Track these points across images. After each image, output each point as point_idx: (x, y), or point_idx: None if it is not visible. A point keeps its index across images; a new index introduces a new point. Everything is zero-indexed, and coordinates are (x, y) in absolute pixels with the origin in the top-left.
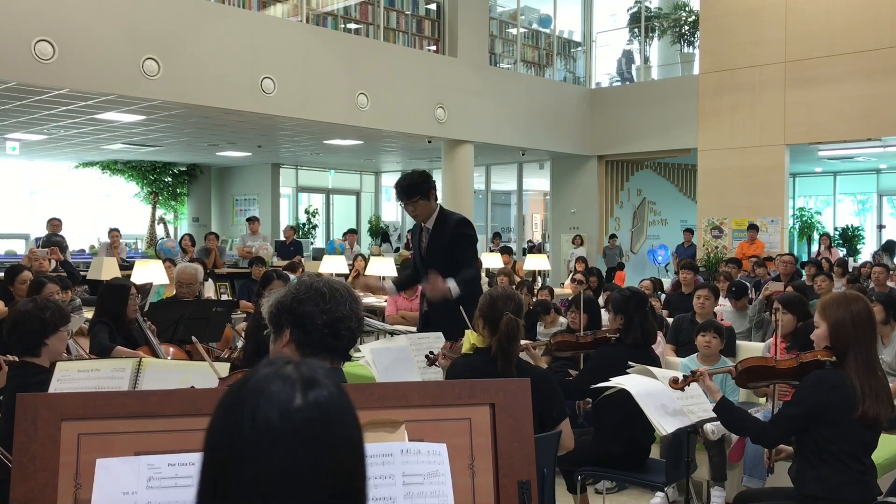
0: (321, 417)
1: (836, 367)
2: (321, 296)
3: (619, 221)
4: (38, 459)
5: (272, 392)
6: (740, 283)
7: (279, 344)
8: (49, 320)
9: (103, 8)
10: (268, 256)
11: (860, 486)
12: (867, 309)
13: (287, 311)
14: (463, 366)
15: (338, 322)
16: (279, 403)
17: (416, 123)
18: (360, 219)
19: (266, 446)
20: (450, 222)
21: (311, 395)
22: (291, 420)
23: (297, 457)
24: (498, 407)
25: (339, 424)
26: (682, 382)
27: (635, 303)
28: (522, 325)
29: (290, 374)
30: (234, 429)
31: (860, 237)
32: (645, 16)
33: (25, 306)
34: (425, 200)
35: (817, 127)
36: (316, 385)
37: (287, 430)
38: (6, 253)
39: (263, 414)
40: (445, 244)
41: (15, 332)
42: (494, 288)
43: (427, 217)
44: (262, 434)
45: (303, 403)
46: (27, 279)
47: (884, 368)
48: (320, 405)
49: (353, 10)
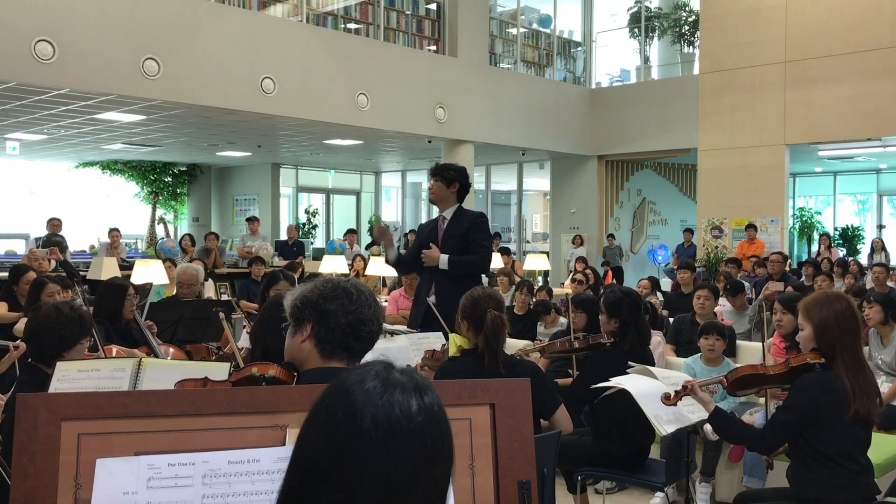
0: (435, 421)
1: (824, 368)
2: (348, 296)
3: (619, 221)
4: (38, 459)
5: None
6: (736, 280)
7: (298, 338)
8: (69, 337)
9: (103, 8)
10: (268, 256)
11: (857, 486)
12: (850, 307)
13: (312, 307)
14: (451, 369)
15: (360, 324)
16: (399, 407)
17: (416, 123)
18: (360, 219)
19: (385, 449)
20: (469, 214)
21: (426, 399)
22: (412, 423)
23: (413, 458)
24: (498, 407)
25: (446, 427)
26: (674, 398)
27: (629, 305)
28: (506, 321)
29: (400, 380)
30: (350, 433)
31: (860, 237)
32: (645, 16)
33: (48, 317)
34: (443, 185)
35: (817, 127)
36: (428, 391)
37: (406, 433)
38: (6, 253)
39: (384, 417)
40: (462, 232)
41: (32, 340)
42: (475, 289)
43: (440, 201)
44: (383, 437)
45: (418, 409)
46: (31, 279)
47: (884, 368)
48: (433, 410)
49: (353, 10)
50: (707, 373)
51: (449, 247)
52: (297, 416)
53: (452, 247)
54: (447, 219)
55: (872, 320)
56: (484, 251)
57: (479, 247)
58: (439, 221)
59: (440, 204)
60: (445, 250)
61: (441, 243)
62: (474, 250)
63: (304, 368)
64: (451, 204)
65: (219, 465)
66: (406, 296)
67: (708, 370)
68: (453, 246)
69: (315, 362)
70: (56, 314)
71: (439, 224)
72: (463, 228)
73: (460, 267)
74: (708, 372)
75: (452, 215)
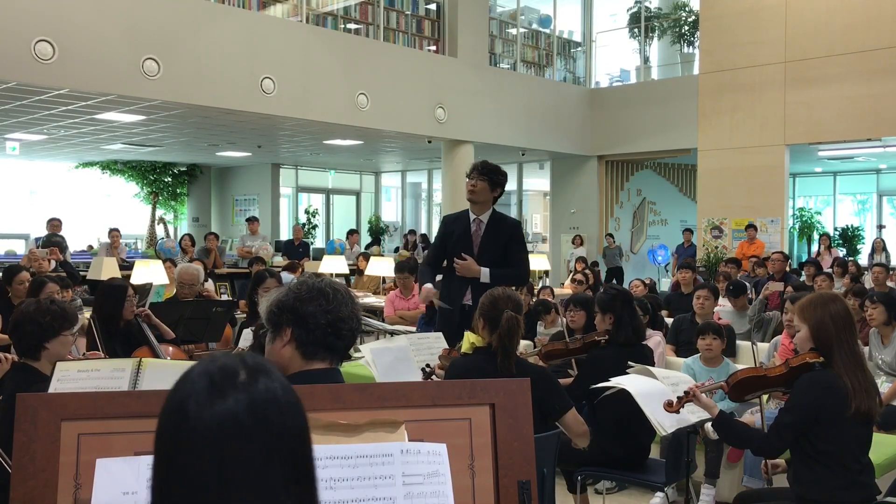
0: (273, 403)
1: (824, 367)
2: (324, 296)
3: (619, 221)
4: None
5: (219, 382)
6: (738, 281)
7: (278, 344)
8: (48, 324)
9: (103, 8)
10: (268, 256)
11: (858, 487)
12: (844, 306)
13: (289, 311)
14: (463, 365)
15: (340, 322)
16: (226, 393)
17: (416, 123)
18: (360, 219)
19: (222, 434)
20: (509, 222)
21: (261, 382)
22: (245, 407)
23: (253, 442)
24: (498, 407)
25: (288, 407)
26: (676, 405)
27: (622, 301)
28: (522, 322)
29: (233, 364)
30: (180, 421)
31: (860, 237)
32: (645, 16)
33: (27, 308)
34: (487, 186)
35: (817, 127)
36: (266, 372)
37: (241, 418)
38: (6, 253)
39: (212, 404)
40: (504, 239)
41: (14, 333)
42: (495, 289)
43: (480, 202)
44: (216, 424)
45: (255, 390)
46: (25, 280)
47: (884, 368)
48: (272, 391)
49: (353, 10)
50: (706, 373)
51: (487, 256)
52: None
53: (490, 256)
54: (483, 223)
55: (875, 320)
56: (525, 265)
57: (520, 260)
58: (472, 224)
59: (479, 205)
60: (482, 259)
61: (478, 250)
62: (515, 263)
63: (286, 374)
64: (488, 207)
65: None
66: (401, 296)
67: (707, 370)
68: (491, 255)
69: (298, 366)
70: (35, 305)
71: (473, 228)
72: (503, 238)
73: (502, 282)
74: (707, 372)
75: (489, 221)
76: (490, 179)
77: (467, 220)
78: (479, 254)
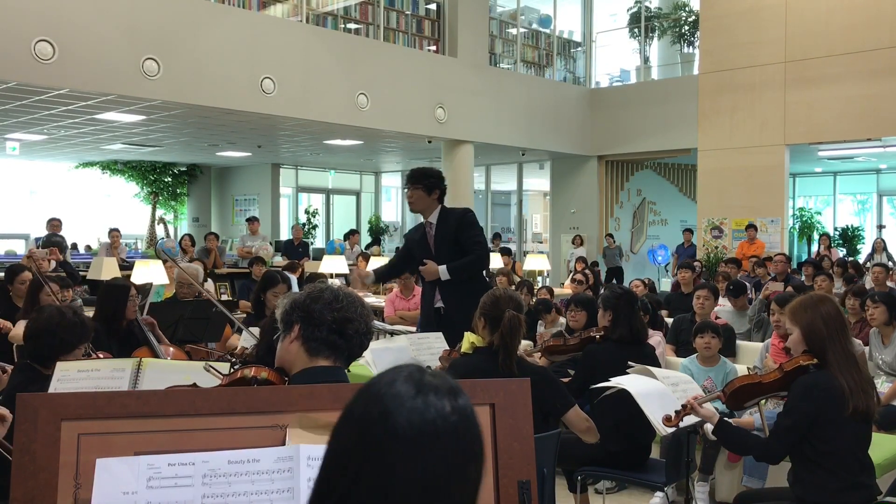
0: (468, 422)
1: (819, 368)
2: (334, 297)
3: (619, 221)
4: (38, 459)
5: (426, 398)
6: (738, 281)
7: (287, 340)
8: (68, 341)
9: (103, 8)
10: (268, 256)
11: (859, 487)
12: (835, 307)
13: (299, 308)
14: (463, 365)
15: (347, 322)
16: (434, 408)
17: (416, 123)
18: (360, 219)
19: (419, 451)
20: (454, 213)
21: (459, 401)
22: (446, 424)
23: (447, 459)
24: (498, 407)
25: (477, 428)
26: (675, 419)
27: (625, 300)
28: (524, 321)
29: (433, 382)
30: (384, 434)
31: (860, 237)
32: (645, 16)
33: (51, 319)
34: (423, 193)
35: (817, 127)
36: (461, 393)
37: (441, 434)
38: (6, 253)
39: (419, 419)
40: (452, 232)
41: (32, 340)
42: (497, 288)
43: (422, 209)
44: (417, 438)
45: (452, 410)
46: (26, 279)
47: (884, 368)
48: (466, 412)
49: (353, 10)
50: (703, 373)
51: (444, 252)
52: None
53: (447, 252)
54: (434, 223)
55: (876, 320)
56: (479, 248)
57: (473, 244)
58: (426, 228)
59: (423, 212)
60: (440, 256)
61: (434, 251)
62: (469, 249)
63: (293, 371)
64: (434, 208)
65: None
66: (401, 296)
67: (704, 370)
68: (448, 250)
69: (303, 363)
70: (59, 317)
71: (427, 231)
72: (452, 230)
73: (461, 271)
74: (705, 372)
75: (438, 219)
76: (424, 185)
77: (423, 227)
78: (436, 253)
